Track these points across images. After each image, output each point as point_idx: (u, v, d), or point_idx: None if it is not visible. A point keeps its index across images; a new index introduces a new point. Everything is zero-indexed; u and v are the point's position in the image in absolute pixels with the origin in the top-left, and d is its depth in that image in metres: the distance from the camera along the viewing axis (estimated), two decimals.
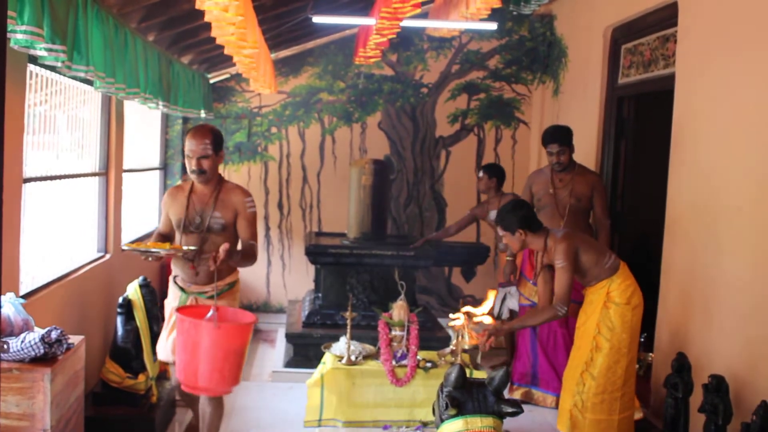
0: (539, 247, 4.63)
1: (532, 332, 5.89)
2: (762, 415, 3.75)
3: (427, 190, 8.69)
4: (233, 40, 4.41)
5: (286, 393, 5.94)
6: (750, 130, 4.50)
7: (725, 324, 4.64)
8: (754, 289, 4.35)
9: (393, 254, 6.66)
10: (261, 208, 8.52)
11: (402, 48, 8.46)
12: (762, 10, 4.40)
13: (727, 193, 4.70)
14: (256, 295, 8.58)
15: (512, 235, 4.59)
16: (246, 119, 8.47)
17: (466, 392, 3.15)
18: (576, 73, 7.58)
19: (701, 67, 5.10)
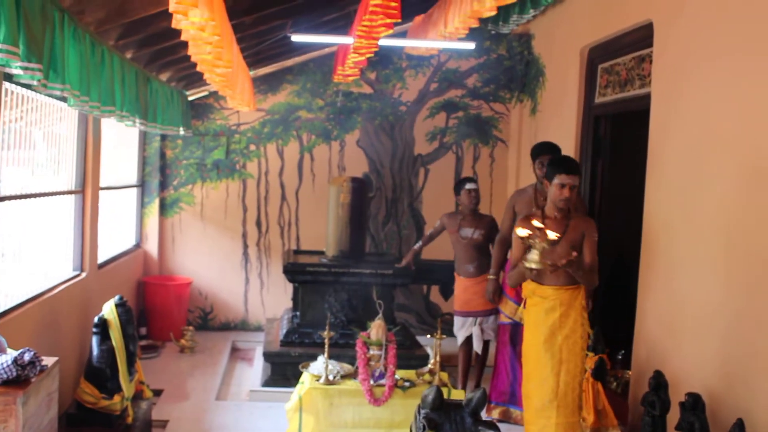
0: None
1: (512, 350, 5.89)
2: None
3: (405, 208, 8.70)
4: (208, 59, 4.41)
5: (264, 412, 5.90)
6: (724, 151, 4.55)
7: (701, 342, 4.66)
8: (729, 308, 4.38)
9: (371, 272, 6.66)
10: (239, 225, 8.49)
11: (381, 66, 8.48)
12: (736, 31, 4.46)
13: (702, 213, 4.74)
14: (234, 313, 8.53)
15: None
16: (224, 137, 8.45)
17: (444, 414, 3.14)
18: (553, 92, 7.64)
19: (676, 86, 5.16)
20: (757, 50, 4.26)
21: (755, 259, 4.14)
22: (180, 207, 8.42)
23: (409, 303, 8.69)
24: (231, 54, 4.77)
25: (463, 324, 6.38)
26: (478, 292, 6.32)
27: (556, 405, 4.51)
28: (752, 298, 4.12)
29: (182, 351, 7.56)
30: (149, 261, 8.34)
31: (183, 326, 7.86)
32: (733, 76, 4.48)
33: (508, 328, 5.95)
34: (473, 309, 6.33)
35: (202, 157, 8.43)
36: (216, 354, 7.56)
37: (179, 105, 7.41)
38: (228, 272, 8.50)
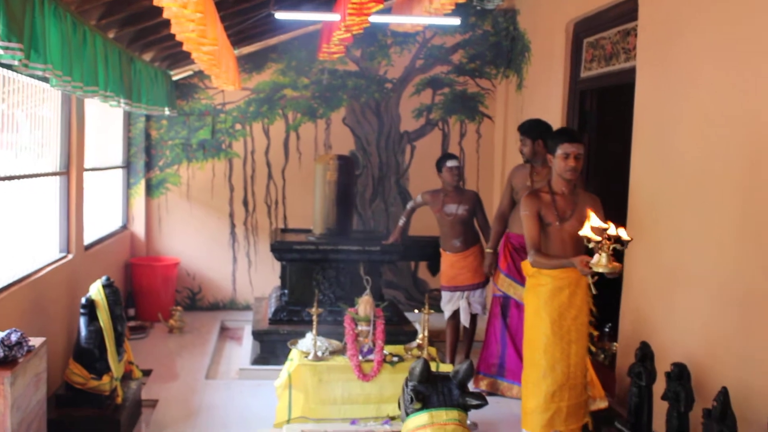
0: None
1: (502, 322, 5.93)
2: (722, 401, 3.81)
3: (392, 185, 8.69)
4: (193, 37, 4.38)
5: (254, 390, 5.92)
6: (708, 124, 4.57)
7: (687, 313, 4.70)
8: (713, 280, 4.41)
9: (359, 249, 6.67)
10: (226, 205, 8.48)
11: (366, 44, 8.44)
12: (719, 4, 4.46)
13: (687, 186, 4.76)
14: (222, 293, 8.53)
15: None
16: (210, 116, 8.41)
17: (431, 386, 3.16)
18: (539, 67, 7.63)
19: (661, 60, 5.16)
20: (741, 21, 4.27)
21: (740, 230, 4.17)
22: (166, 187, 8.39)
23: (397, 279, 8.72)
24: (215, 32, 4.73)
25: (450, 299, 6.42)
26: (465, 266, 6.36)
27: (568, 388, 4.39)
28: (737, 269, 4.16)
29: (171, 331, 7.57)
30: (136, 242, 8.32)
31: (171, 307, 7.86)
32: (717, 48, 4.49)
33: (499, 300, 5.99)
34: (460, 284, 6.37)
35: (187, 137, 8.39)
36: (205, 333, 7.56)
37: (164, 85, 7.36)
38: (215, 252, 8.49)
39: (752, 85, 4.13)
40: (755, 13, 4.13)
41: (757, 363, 3.91)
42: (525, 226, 4.48)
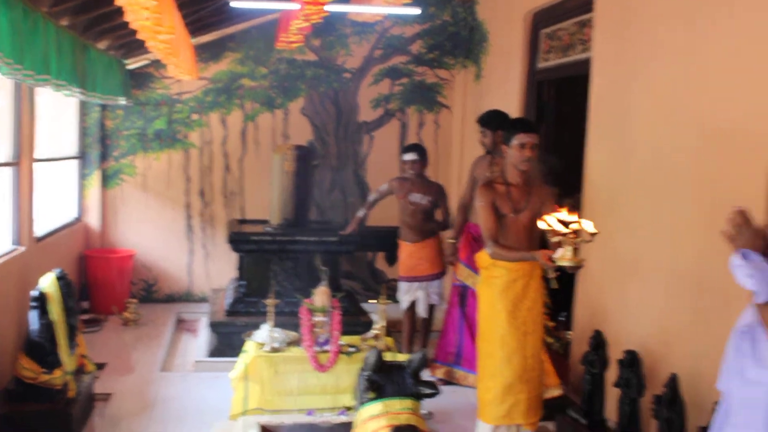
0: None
1: (460, 311, 5.95)
2: (672, 386, 3.88)
3: (350, 176, 8.67)
4: (148, 25, 4.31)
5: (210, 383, 5.89)
6: (662, 114, 4.62)
7: (639, 302, 4.77)
8: (666, 270, 4.48)
9: (316, 240, 6.65)
10: (182, 196, 8.39)
11: (324, 33, 8.40)
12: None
13: (641, 176, 4.82)
14: (178, 285, 8.45)
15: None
16: (166, 106, 8.31)
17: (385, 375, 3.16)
18: (497, 57, 7.66)
19: (616, 52, 5.22)
20: (694, 15, 4.32)
21: (693, 221, 4.23)
22: (121, 178, 8.27)
23: (355, 270, 8.71)
24: (172, 20, 4.67)
25: (408, 289, 6.43)
26: (423, 257, 6.38)
27: (525, 380, 4.33)
28: (689, 260, 4.22)
29: (126, 324, 7.48)
30: (91, 234, 8.20)
31: (126, 299, 7.76)
32: (670, 41, 4.54)
33: (458, 289, 6.02)
34: (418, 274, 6.39)
35: (143, 128, 8.27)
36: (160, 326, 7.49)
37: (119, 74, 7.25)
38: (172, 243, 8.40)
39: (705, 78, 4.19)
40: (708, 8, 4.19)
41: (706, 350, 3.97)
42: (481, 217, 4.44)
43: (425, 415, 5.17)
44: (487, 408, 4.35)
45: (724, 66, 4.03)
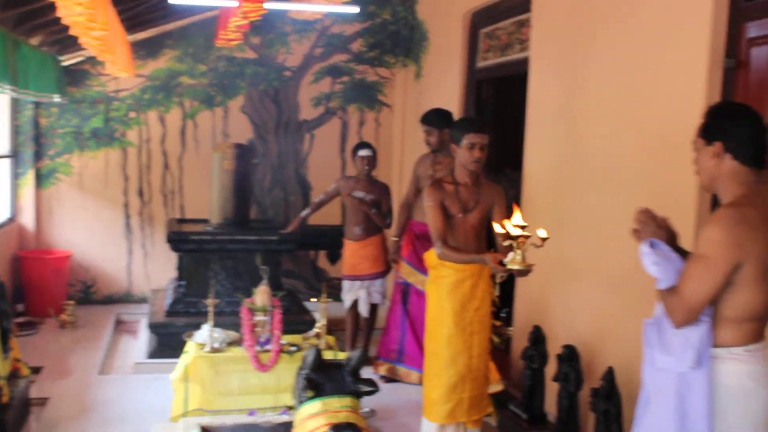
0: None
1: (403, 309, 5.98)
2: (608, 379, 3.96)
3: (291, 174, 8.63)
4: (81, 21, 4.22)
5: (150, 384, 5.81)
6: (599, 114, 4.71)
7: (576, 298, 4.86)
8: (601, 266, 4.57)
9: (256, 239, 6.61)
10: (120, 195, 8.25)
11: (264, 31, 8.34)
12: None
13: (578, 174, 4.90)
14: (117, 286, 8.31)
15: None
16: (102, 104, 8.15)
17: (324, 374, 3.16)
18: (437, 56, 7.71)
19: (553, 51, 5.30)
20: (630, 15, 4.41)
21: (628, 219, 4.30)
22: (57, 178, 8.09)
23: (297, 269, 8.68)
24: (106, 16, 4.58)
25: (350, 288, 6.44)
26: (365, 255, 6.38)
27: (470, 379, 4.33)
28: (622, 257, 4.30)
29: (63, 326, 7.32)
30: (25, 234, 8.00)
31: (63, 301, 7.59)
32: (606, 41, 4.63)
33: (400, 287, 6.04)
34: (361, 273, 6.39)
35: (79, 126, 8.11)
36: (99, 328, 7.35)
37: (53, 71, 7.09)
38: (110, 244, 8.26)
39: (642, 78, 4.29)
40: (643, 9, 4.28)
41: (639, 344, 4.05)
42: (429, 216, 4.37)
43: (368, 413, 5.20)
44: (432, 407, 4.35)
45: (660, 66, 4.13)
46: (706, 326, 2.57)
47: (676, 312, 2.59)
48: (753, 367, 2.58)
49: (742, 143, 2.60)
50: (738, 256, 2.47)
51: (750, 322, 2.57)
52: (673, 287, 2.61)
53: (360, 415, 3.18)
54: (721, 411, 2.58)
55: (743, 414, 2.57)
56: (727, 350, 2.58)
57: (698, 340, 2.57)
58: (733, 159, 2.60)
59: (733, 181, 2.61)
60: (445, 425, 4.36)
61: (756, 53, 3.65)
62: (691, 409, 2.60)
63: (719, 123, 2.64)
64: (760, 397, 2.58)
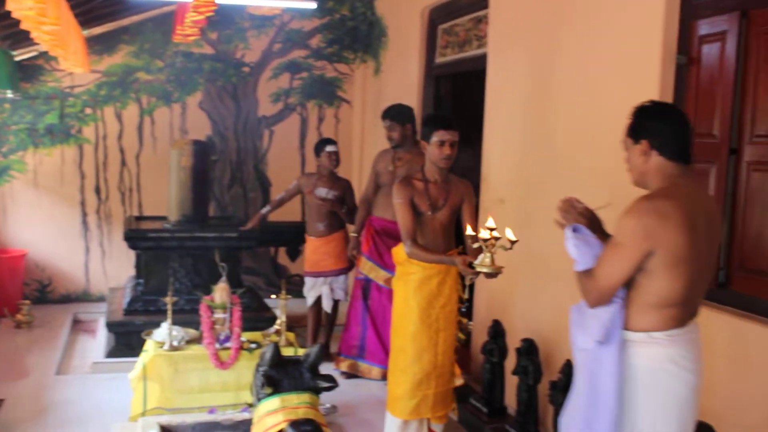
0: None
1: (364, 305, 5.99)
2: (567, 372, 4.01)
3: (250, 171, 8.59)
4: (32, 15, 4.15)
5: (109, 384, 5.74)
6: (554, 110, 4.76)
7: (534, 292, 4.91)
8: (557, 260, 4.61)
9: (216, 236, 6.57)
10: (77, 193, 8.13)
11: (222, 26, 8.28)
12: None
13: (533, 172, 4.95)
14: (74, 284, 8.19)
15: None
16: (57, 100, 8.03)
17: (282, 370, 3.15)
18: (395, 52, 7.72)
19: (510, 47, 5.34)
20: (584, 12, 4.47)
21: None
22: (10, 175, 7.95)
23: (257, 266, 8.64)
24: (58, 10, 4.51)
25: (313, 284, 6.43)
26: (327, 252, 6.38)
27: (435, 376, 4.33)
28: None
29: (18, 326, 7.21)
30: None
31: (18, 300, 7.47)
32: (564, 37, 4.68)
33: (361, 283, 6.05)
34: (323, 269, 6.39)
35: (33, 122, 7.98)
36: (56, 327, 7.25)
37: (5, 66, 6.97)
38: (66, 242, 8.14)
39: (599, 73, 4.34)
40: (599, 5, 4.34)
41: None
42: (398, 214, 4.33)
43: (329, 409, 5.20)
44: (397, 402, 4.35)
45: (616, 62, 4.19)
46: (617, 306, 2.74)
47: (591, 293, 2.76)
48: (674, 351, 2.71)
49: (667, 140, 2.75)
50: (649, 245, 2.61)
51: (670, 308, 2.70)
52: (589, 270, 2.77)
53: (319, 411, 3.19)
54: (643, 393, 2.72)
55: (665, 396, 2.71)
56: (648, 335, 2.72)
57: (609, 318, 2.73)
58: (660, 155, 2.76)
59: (660, 175, 2.77)
60: (408, 421, 4.37)
61: (707, 50, 3.72)
62: (600, 384, 2.76)
63: (644, 122, 2.80)
64: (683, 379, 2.71)
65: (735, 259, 3.61)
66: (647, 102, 2.85)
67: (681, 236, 2.59)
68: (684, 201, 2.65)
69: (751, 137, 3.51)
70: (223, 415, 4.52)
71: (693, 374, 2.74)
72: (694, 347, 2.78)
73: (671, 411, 2.72)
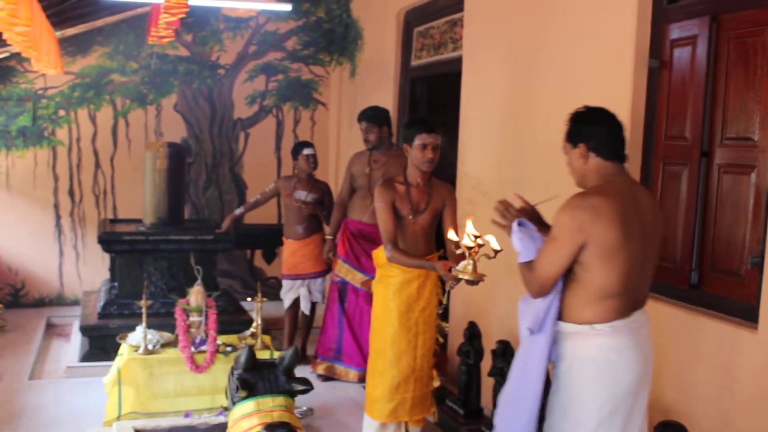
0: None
1: (340, 307, 5.98)
2: None
3: (226, 173, 8.56)
4: (3, 16, 4.12)
5: (83, 388, 5.69)
6: (527, 112, 4.79)
7: (509, 294, 4.92)
8: None
9: (191, 239, 6.53)
10: (50, 196, 8.06)
11: (197, 28, 8.25)
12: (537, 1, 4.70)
13: (509, 174, 4.98)
14: (48, 288, 8.12)
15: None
16: (30, 101, 7.96)
17: (257, 373, 3.15)
18: (371, 54, 7.73)
19: (485, 50, 5.36)
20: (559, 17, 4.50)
21: None
22: None
23: (233, 269, 8.61)
24: (30, 11, 4.47)
25: (291, 287, 6.42)
26: (306, 254, 6.37)
27: (413, 379, 4.31)
28: None
29: None
30: None
31: None
32: (538, 39, 4.71)
33: (337, 285, 6.04)
34: (302, 272, 6.38)
35: (5, 124, 7.90)
36: (29, 332, 7.18)
37: None
38: (40, 245, 8.07)
39: (572, 77, 4.37)
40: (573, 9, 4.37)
41: None
42: (379, 217, 4.30)
43: (306, 412, 5.20)
44: (375, 404, 4.34)
45: (590, 65, 4.22)
46: (550, 297, 2.92)
47: (532, 285, 2.94)
48: (618, 341, 2.85)
49: (603, 142, 2.93)
50: (582, 238, 2.77)
51: (610, 300, 2.83)
52: (531, 262, 2.94)
53: (294, 414, 3.18)
54: (589, 383, 2.87)
55: (611, 385, 2.84)
56: (591, 327, 2.86)
57: (542, 309, 2.93)
58: (597, 156, 2.94)
59: (598, 175, 2.94)
60: (386, 423, 4.36)
61: (678, 54, 3.77)
62: (529, 369, 2.99)
63: (580, 127, 2.98)
64: (626, 368, 2.85)
65: (707, 261, 3.65)
66: (581, 108, 3.01)
67: (612, 229, 2.74)
68: (616, 197, 2.81)
69: (722, 140, 3.55)
70: (199, 419, 4.50)
71: (638, 363, 2.87)
72: (639, 337, 2.91)
73: (617, 400, 2.85)
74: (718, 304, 3.52)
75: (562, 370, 2.96)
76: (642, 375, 2.89)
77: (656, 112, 3.90)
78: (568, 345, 2.92)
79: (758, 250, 3.30)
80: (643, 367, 2.90)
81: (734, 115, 3.47)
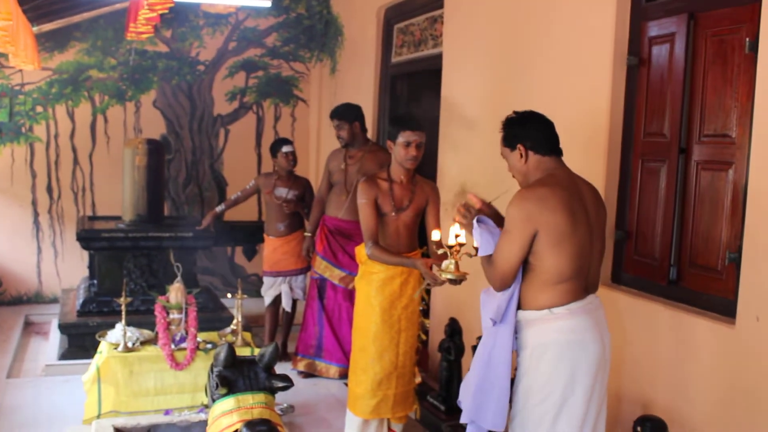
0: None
1: (320, 304, 5.98)
2: None
3: (206, 170, 8.53)
4: None
5: (62, 386, 5.65)
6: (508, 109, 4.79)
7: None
8: None
9: (170, 236, 6.51)
10: (28, 192, 8.00)
11: (176, 24, 8.21)
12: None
13: (488, 171, 4.99)
14: (26, 286, 8.06)
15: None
16: (7, 97, 7.88)
17: (237, 370, 3.14)
18: (352, 51, 7.72)
19: (465, 47, 5.37)
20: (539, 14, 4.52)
21: None
22: None
23: (213, 266, 8.58)
24: (8, 5, 4.44)
25: (272, 284, 6.41)
26: (287, 251, 6.36)
27: (396, 376, 4.31)
28: None
29: None
30: None
31: None
32: (519, 37, 4.73)
33: (316, 282, 6.04)
34: (283, 269, 6.37)
35: None
36: (6, 330, 7.12)
37: None
38: (17, 242, 8.00)
39: (552, 74, 4.39)
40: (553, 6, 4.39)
41: None
42: (361, 214, 4.27)
43: (287, 408, 5.19)
44: (357, 401, 4.34)
45: (570, 63, 4.24)
46: (513, 287, 3.06)
47: (494, 278, 3.07)
48: (576, 322, 2.99)
49: (537, 139, 3.13)
50: (532, 226, 2.93)
51: (564, 283, 2.98)
52: (490, 257, 3.06)
53: (274, 411, 3.18)
54: (553, 366, 2.98)
55: (573, 366, 2.97)
56: (549, 311, 3.00)
57: (505, 299, 3.07)
58: (535, 154, 3.12)
59: (539, 170, 3.12)
60: (369, 420, 4.37)
61: (656, 51, 3.79)
62: (494, 359, 3.10)
63: (514, 130, 3.17)
64: (588, 349, 2.99)
65: (685, 257, 3.68)
66: (512, 114, 3.19)
67: (559, 216, 2.91)
68: (559, 187, 2.98)
69: (699, 137, 3.58)
70: (179, 416, 4.49)
71: (597, 344, 3.00)
72: (596, 318, 3.05)
73: (581, 379, 2.97)
74: (697, 299, 3.56)
75: (524, 357, 3.07)
76: (601, 354, 3.02)
77: (635, 109, 3.93)
78: (530, 332, 3.04)
79: (736, 246, 3.33)
80: (601, 347, 3.03)
81: (712, 112, 3.50)
